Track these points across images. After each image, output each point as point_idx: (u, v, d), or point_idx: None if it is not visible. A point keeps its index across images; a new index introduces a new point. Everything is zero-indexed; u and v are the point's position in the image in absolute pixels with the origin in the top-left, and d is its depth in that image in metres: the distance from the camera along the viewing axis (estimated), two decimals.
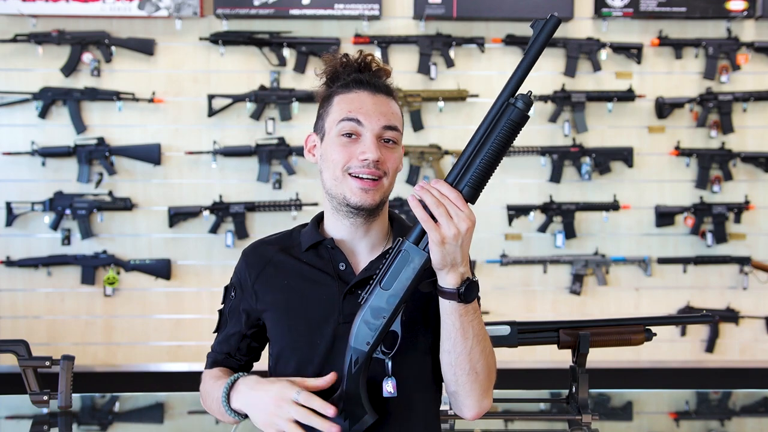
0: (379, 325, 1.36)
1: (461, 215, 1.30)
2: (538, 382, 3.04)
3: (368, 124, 1.44)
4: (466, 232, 1.30)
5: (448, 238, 1.29)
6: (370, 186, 1.44)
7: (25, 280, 4.42)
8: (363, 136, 1.45)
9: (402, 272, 1.35)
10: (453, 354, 1.39)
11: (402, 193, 4.41)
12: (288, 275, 1.51)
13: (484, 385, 1.43)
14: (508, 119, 1.34)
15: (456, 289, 1.33)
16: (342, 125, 1.45)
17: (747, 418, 2.51)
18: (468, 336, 1.37)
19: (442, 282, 1.34)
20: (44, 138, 4.37)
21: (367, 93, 1.47)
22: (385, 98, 1.48)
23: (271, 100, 4.34)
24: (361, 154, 1.43)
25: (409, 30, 4.42)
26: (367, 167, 1.43)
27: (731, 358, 4.58)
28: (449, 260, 1.31)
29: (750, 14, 4.40)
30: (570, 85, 4.44)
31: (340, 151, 1.45)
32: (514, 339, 1.98)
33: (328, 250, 1.50)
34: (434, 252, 1.31)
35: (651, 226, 4.53)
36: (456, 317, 1.36)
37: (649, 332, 2.02)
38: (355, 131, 1.45)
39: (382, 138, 1.46)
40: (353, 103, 1.46)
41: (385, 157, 1.45)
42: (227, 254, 4.41)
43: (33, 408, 2.17)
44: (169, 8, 4.27)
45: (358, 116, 1.45)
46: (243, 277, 1.56)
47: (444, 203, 1.30)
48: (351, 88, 1.48)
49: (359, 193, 1.44)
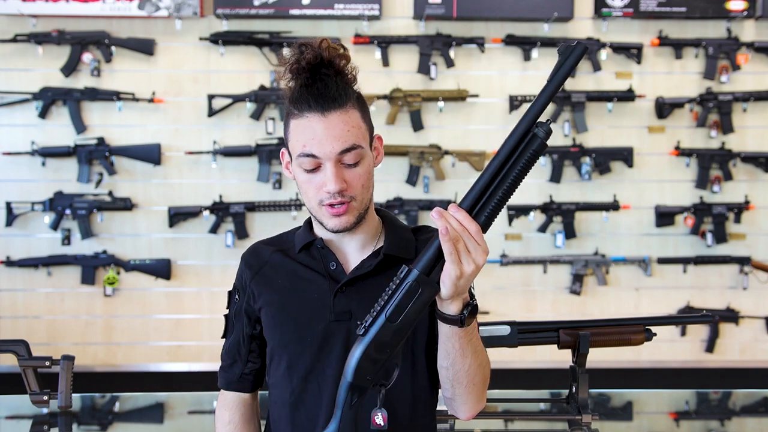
0: (383, 359, 1.30)
1: (479, 250, 1.26)
2: (538, 382, 3.05)
3: (323, 155, 1.39)
4: (481, 266, 1.27)
5: (465, 274, 1.26)
6: (341, 212, 1.41)
7: (25, 280, 4.42)
8: (323, 166, 1.40)
9: (411, 306, 1.27)
10: (451, 371, 1.39)
11: (402, 192, 4.41)
12: (282, 275, 1.52)
13: (479, 393, 1.44)
14: (531, 150, 1.27)
15: (458, 316, 1.30)
16: (301, 161, 1.41)
17: (747, 418, 2.51)
18: (467, 355, 1.37)
19: (444, 309, 1.31)
20: (44, 138, 4.37)
21: (318, 116, 1.38)
22: (337, 115, 1.38)
23: (271, 100, 4.34)
24: (324, 186, 1.40)
25: (409, 30, 4.42)
26: (333, 198, 1.40)
27: (731, 358, 4.58)
28: (459, 292, 1.28)
29: (750, 14, 4.40)
30: (570, 85, 4.44)
31: (307, 184, 1.42)
32: (514, 339, 1.98)
33: (318, 250, 1.51)
34: (447, 286, 1.26)
35: (651, 226, 4.53)
36: (456, 340, 1.34)
37: (649, 332, 2.02)
38: (315, 163, 1.40)
39: (342, 161, 1.40)
40: (306, 133, 1.39)
41: (350, 181, 1.40)
42: (227, 254, 4.41)
43: (33, 408, 2.17)
44: (169, 8, 4.27)
45: (312, 150, 1.39)
46: (242, 279, 1.57)
47: (463, 237, 1.26)
48: (302, 111, 1.39)
49: (333, 219, 1.42)
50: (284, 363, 1.49)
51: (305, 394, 1.46)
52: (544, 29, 4.43)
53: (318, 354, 1.46)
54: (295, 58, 1.39)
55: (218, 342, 1.64)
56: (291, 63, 1.40)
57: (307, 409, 1.46)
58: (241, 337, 1.58)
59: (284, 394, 1.49)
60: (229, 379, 1.61)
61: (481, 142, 4.44)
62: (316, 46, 1.39)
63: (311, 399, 1.46)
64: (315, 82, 1.39)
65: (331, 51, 1.39)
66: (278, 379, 1.50)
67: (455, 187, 4.43)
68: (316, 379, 1.46)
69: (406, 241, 1.51)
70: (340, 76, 1.40)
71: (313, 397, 1.46)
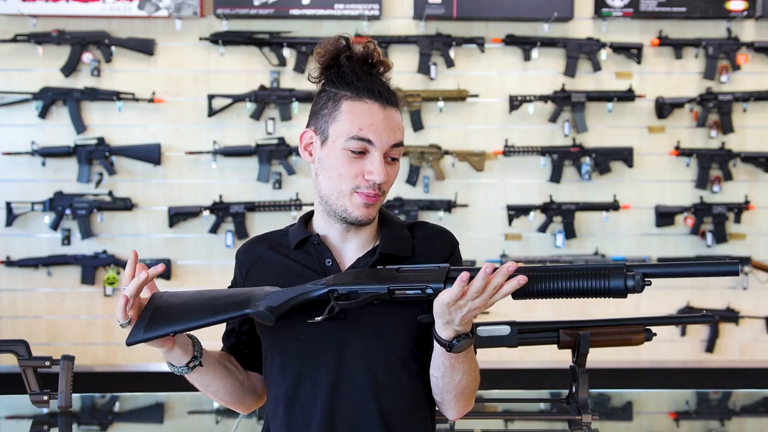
0: (360, 285, 1.37)
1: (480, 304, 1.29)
2: (538, 382, 3.04)
3: (378, 143, 1.40)
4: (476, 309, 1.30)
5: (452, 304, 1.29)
6: (372, 202, 1.43)
7: (25, 280, 4.42)
8: (371, 154, 1.41)
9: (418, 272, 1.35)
10: (441, 381, 1.42)
11: (402, 192, 4.41)
12: (275, 271, 1.50)
13: (468, 400, 1.48)
14: (611, 283, 1.28)
15: (447, 342, 1.34)
16: (351, 143, 1.40)
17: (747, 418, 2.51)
18: (457, 372, 1.40)
19: (437, 329, 1.35)
20: (44, 138, 4.37)
21: (378, 106, 1.41)
22: (394, 111, 1.43)
23: (271, 100, 4.34)
24: (368, 174, 1.40)
25: (409, 30, 4.42)
26: (371, 188, 1.41)
27: (731, 358, 4.58)
28: (445, 319, 1.32)
29: (750, 14, 4.40)
30: (570, 85, 4.44)
31: (347, 167, 1.41)
32: (514, 339, 1.97)
33: (314, 246, 1.49)
34: (438, 303, 1.31)
35: (651, 226, 4.53)
36: (446, 359, 1.38)
37: (649, 332, 2.02)
38: (364, 148, 1.41)
39: (388, 156, 1.43)
40: (364, 117, 1.40)
41: (389, 175, 1.43)
42: (227, 254, 4.41)
43: (33, 408, 2.17)
44: (169, 8, 4.27)
45: (369, 135, 1.39)
46: (236, 276, 1.57)
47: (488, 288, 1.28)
48: (362, 97, 1.41)
49: (362, 208, 1.42)
50: (278, 362, 1.47)
51: (299, 393, 1.45)
52: (544, 29, 4.42)
53: (311, 353, 1.44)
54: (348, 49, 1.43)
55: (218, 342, 1.64)
56: (340, 49, 1.43)
57: (302, 408, 1.45)
58: (230, 331, 1.60)
59: (279, 393, 1.48)
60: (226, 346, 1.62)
61: (481, 142, 4.45)
62: (364, 44, 1.44)
63: (305, 398, 1.45)
64: (373, 75, 1.44)
65: (380, 55, 1.46)
66: (273, 377, 1.49)
67: (455, 187, 4.43)
68: (310, 378, 1.44)
69: (402, 239, 1.50)
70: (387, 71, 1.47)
71: (306, 395, 1.45)
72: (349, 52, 1.43)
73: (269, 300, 1.39)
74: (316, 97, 1.48)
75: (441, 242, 1.52)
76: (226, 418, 2.36)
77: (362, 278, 1.38)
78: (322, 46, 1.45)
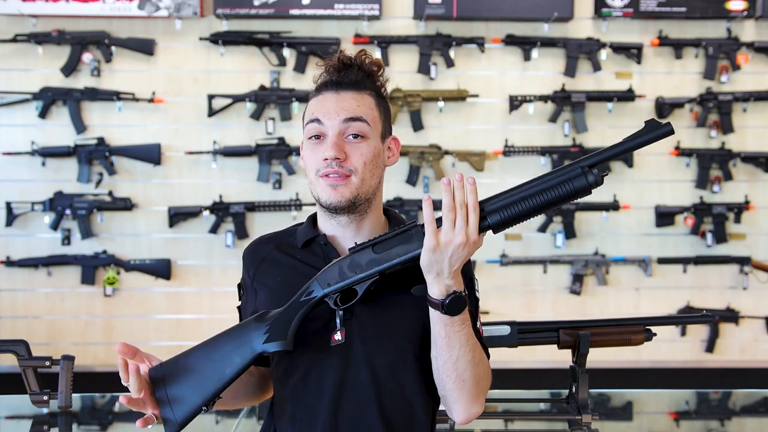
0: (349, 277, 1.38)
1: (463, 228, 1.30)
2: (538, 382, 3.05)
3: (328, 121, 1.45)
4: (458, 246, 1.30)
5: (441, 244, 1.30)
6: (336, 181, 1.44)
7: (25, 280, 4.42)
8: (326, 136, 1.45)
9: (396, 247, 1.36)
10: (439, 360, 1.40)
11: (402, 193, 4.41)
12: (281, 272, 1.51)
13: (472, 393, 1.42)
14: (574, 186, 1.31)
15: (440, 300, 1.34)
16: (308, 128, 1.47)
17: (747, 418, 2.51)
18: (453, 346, 1.38)
19: (429, 289, 1.35)
20: (44, 138, 4.37)
21: (332, 93, 1.47)
22: (351, 93, 1.47)
23: (271, 100, 4.34)
24: (322, 154, 1.44)
25: (409, 30, 4.42)
26: (329, 167, 1.44)
27: (731, 358, 4.58)
28: (435, 269, 1.32)
29: (750, 14, 4.40)
30: (570, 85, 4.44)
31: (310, 154, 1.47)
32: (514, 339, 1.98)
33: (321, 246, 1.50)
34: (423, 253, 1.32)
35: (651, 226, 4.53)
36: (441, 326, 1.36)
37: (649, 332, 2.02)
38: (320, 132, 1.46)
39: (346, 134, 1.45)
40: (317, 104, 1.48)
41: (349, 153, 1.44)
42: (227, 254, 4.41)
43: (33, 408, 2.17)
44: (169, 8, 4.27)
45: (318, 116, 1.46)
46: (244, 276, 1.58)
47: (457, 209, 1.31)
48: (320, 91, 1.49)
49: (328, 190, 1.45)
50: (284, 361, 1.48)
51: (305, 393, 1.45)
52: (544, 29, 4.42)
53: (318, 353, 1.44)
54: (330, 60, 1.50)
55: None
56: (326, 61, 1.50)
57: (307, 408, 1.45)
58: None
59: (285, 392, 1.49)
60: None
61: (481, 142, 4.45)
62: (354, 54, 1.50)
63: (311, 397, 1.45)
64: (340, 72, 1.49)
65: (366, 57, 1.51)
66: (279, 376, 1.50)
67: None
68: (316, 378, 1.45)
69: None
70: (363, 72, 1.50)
71: (312, 395, 1.45)
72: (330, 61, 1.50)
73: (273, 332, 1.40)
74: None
75: None
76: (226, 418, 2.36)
77: (345, 271, 1.39)
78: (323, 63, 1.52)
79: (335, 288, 1.39)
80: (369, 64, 1.50)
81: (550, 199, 1.31)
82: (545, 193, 1.31)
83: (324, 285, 1.39)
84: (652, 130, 1.32)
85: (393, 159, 1.53)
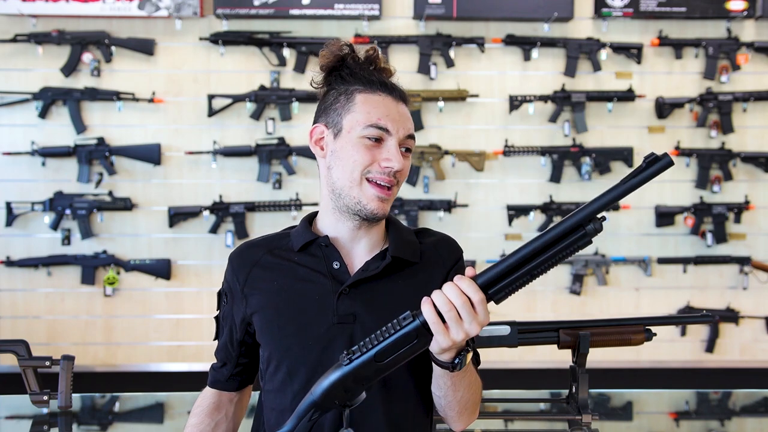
0: (357, 390, 1.27)
1: (474, 322, 1.22)
2: (538, 382, 3.05)
3: (394, 132, 1.42)
4: (465, 328, 1.23)
5: (456, 343, 1.23)
6: (386, 195, 1.42)
7: (25, 280, 4.42)
8: (387, 143, 1.42)
9: (401, 351, 1.24)
10: (444, 400, 1.40)
11: (402, 192, 4.40)
12: (277, 276, 1.47)
13: (471, 412, 1.46)
14: (574, 244, 1.24)
15: (449, 364, 1.28)
16: (369, 131, 1.41)
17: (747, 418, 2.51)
18: (458, 390, 1.38)
19: (436, 355, 1.28)
20: (44, 138, 4.37)
21: (392, 99, 1.45)
22: (405, 107, 1.47)
23: (271, 100, 4.34)
24: (385, 161, 1.41)
25: (409, 30, 4.42)
26: (387, 175, 1.41)
27: (731, 358, 4.58)
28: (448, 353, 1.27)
29: (750, 14, 4.40)
30: (570, 85, 4.44)
31: (363, 153, 1.41)
32: (514, 339, 1.97)
33: (321, 249, 1.46)
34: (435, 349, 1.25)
35: (651, 226, 4.53)
36: (447, 379, 1.35)
37: (649, 332, 2.02)
38: (381, 136, 1.42)
39: (403, 146, 1.44)
40: (380, 108, 1.43)
41: (404, 167, 1.43)
42: (227, 254, 4.36)
43: (33, 408, 2.17)
44: (169, 8, 4.27)
45: (386, 124, 1.42)
46: (231, 283, 1.52)
47: (456, 305, 1.22)
48: (375, 90, 1.44)
49: (376, 201, 1.41)
50: (284, 368, 1.44)
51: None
52: (544, 29, 4.42)
53: (320, 358, 1.40)
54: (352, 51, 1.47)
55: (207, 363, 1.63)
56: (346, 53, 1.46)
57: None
58: (229, 341, 1.56)
59: (284, 401, 1.44)
60: (216, 378, 1.61)
61: (481, 142, 4.45)
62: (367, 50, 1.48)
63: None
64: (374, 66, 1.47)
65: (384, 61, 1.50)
66: (277, 385, 1.46)
67: (455, 187, 4.43)
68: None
69: (411, 244, 1.49)
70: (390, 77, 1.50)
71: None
72: (354, 54, 1.47)
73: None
74: (325, 96, 1.49)
75: (447, 250, 1.52)
76: None
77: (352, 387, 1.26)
78: (326, 49, 1.46)
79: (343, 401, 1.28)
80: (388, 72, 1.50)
81: (550, 263, 1.25)
82: (546, 258, 1.24)
83: (330, 404, 1.27)
84: (651, 165, 1.22)
85: None
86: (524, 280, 1.25)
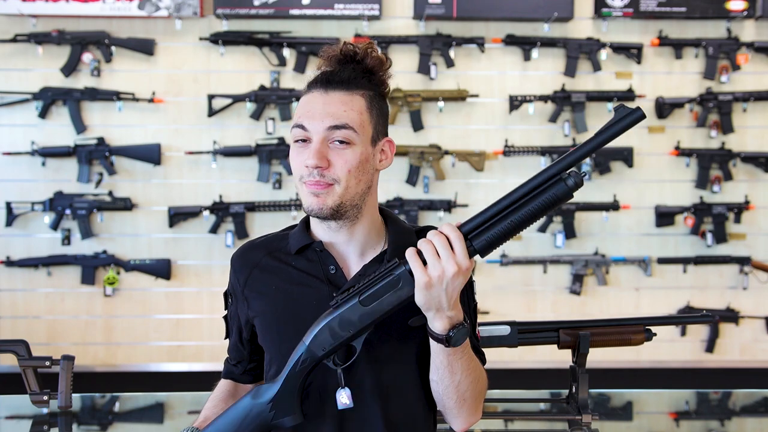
0: (343, 337, 1.32)
1: (450, 258, 1.25)
2: (538, 382, 3.04)
3: (312, 128, 1.37)
4: (452, 276, 1.25)
5: (433, 280, 1.25)
6: (318, 189, 1.37)
7: (25, 280, 4.41)
8: (311, 140, 1.39)
9: (386, 296, 1.30)
10: (441, 385, 1.39)
11: (402, 192, 4.41)
12: (276, 280, 1.46)
13: (472, 407, 1.42)
14: (554, 193, 1.27)
15: (443, 335, 1.30)
16: (293, 132, 1.40)
17: (747, 418, 2.51)
18: (456, 372, 1.36)
19: (430, 324, 1.31)
20: (44, 138, 4.37)
21: (320, 92, 1.39)
22: (340, 94, 1.38)
23: (271, 100, 4.34)
24: (305, 160, 1.38)
25: (409, 30, 4.42)
26: (311, 175, 1.36)
27: (731, 358, 4.58)
28: (434, 304, 1.28)
29: (750, 14, 4.40)
30: (570, 85, 4.44)
31: (294, 158, 1.40)
32: (514, 339, 1.98)
33: (317, 253, 1.45)
34: (418, 293, 1.28)
35: (651, 226, 4.53)
36: (443, 356, 1.34)
37: (649, 332, 2.02)
38: (305, 137, 1.38)
39: (330, 140, 1.37)
40: (303, 107, 1.40)
41: (333, 160, 1.36)
42: (227, 254, 4.40)
43: (33, 408, 2.17)
44: (169, 8, 4.27)
45: (303, 122, 1.38)
46: (234, 284, 1.52)
47: (434, 242, 1.25)
48: (310, 89, 1.41)
49: (309, 197, 1.38)
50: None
51: (308, 401, 1.42)
52: (544, 29, 4.43)
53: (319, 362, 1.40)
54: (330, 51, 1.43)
55: (218, 342, 1.64)
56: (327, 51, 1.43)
57: (309, 419, 1.41)
58: (239, 341, 1.57)
59: None
60: (230, 371, 1.61)
61: (481, 142, 4.45)
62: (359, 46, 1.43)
63: (315, 406, 1.42)
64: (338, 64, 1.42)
65: (370, 52, 1.43)
66: None
67: (455, 187, 4.43)
68: (318, 388, 1.41)
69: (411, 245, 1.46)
70: (362, 69, 1.42)
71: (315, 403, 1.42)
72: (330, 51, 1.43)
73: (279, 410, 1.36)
74: None
75: None
76: None
77: (337, 331, 1.32)
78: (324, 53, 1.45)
79: (331, 350, 1.33)
80: (372, 59, 1.43)
81: (532, 212, 1.27)
82: (526, 206, 1.27)
83: (318, 350, 1.33)
84: (623, 118, 1.24)
85: (386, 162, 1.45)
86: (505, 228, 1.29)
